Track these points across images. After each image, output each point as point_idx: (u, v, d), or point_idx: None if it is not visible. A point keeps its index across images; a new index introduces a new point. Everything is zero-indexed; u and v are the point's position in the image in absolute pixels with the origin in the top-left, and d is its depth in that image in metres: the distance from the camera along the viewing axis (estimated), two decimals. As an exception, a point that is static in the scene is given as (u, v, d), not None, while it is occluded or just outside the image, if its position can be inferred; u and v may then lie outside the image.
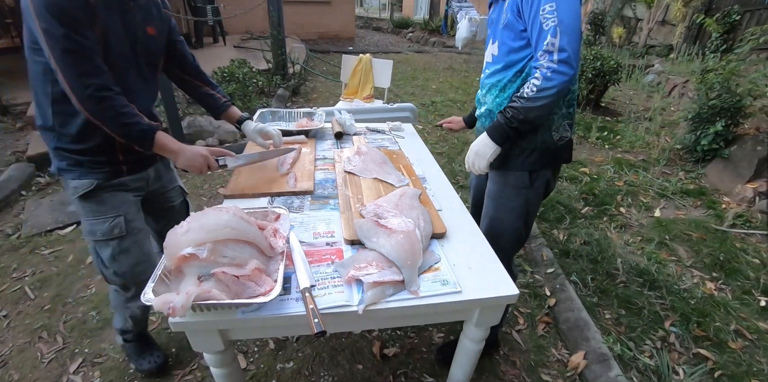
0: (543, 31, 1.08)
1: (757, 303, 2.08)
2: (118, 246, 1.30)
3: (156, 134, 1.15)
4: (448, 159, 3.61)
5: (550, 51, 1.07)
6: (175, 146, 1.19)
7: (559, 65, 1.07)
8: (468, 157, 1.32)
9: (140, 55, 1.20)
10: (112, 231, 1.28)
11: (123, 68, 1.16)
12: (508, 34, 1.21)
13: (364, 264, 0.97)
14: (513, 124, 1.18)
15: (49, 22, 0.96)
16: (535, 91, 1.11)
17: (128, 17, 1.13)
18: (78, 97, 1.03)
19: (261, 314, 0.88)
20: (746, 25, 6.89)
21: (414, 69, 7.31)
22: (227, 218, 0.93)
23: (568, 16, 1.06)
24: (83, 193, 1.23)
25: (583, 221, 2.75)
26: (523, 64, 1.21)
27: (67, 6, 0.97)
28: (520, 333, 1.88)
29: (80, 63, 1.00)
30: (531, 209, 1.41)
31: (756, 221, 2.77)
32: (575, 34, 1.07)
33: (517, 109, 1.15)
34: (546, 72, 1.08)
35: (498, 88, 1.29)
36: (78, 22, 0.99)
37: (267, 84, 4.93)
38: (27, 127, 3.85)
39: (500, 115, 1.21)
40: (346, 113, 1.95)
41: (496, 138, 1.23)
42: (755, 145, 3.24)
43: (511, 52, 1.22)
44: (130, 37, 1.15)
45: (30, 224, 2.55)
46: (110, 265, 1.33)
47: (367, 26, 14.36)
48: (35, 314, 1.92)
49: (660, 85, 5.80)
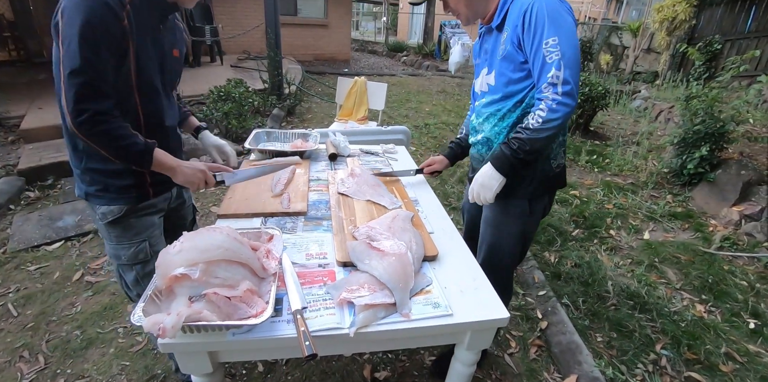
0: (546, 63, 1.10)
1: (746, 325, 2.09)
2: (142, 270, 1.31)
3: (154, 152, 1.14)
4: (440, 181, 3.65)
5: (554, 84, 1.10)
6: (174, 163, 1.18)
7: (563, 97, 1.10)
8: (472, 189, 1.30)
9: (166, 76, 1.23)
10: (137, 256, 1.29)
11: (154, 91, 1.19)
12: (508, 65, 1.23)
13: (356, 286, 0.98)
14: (519, 156, 1.18)
15: (71, 42, 0.97)
16: (540, 123, 1.13)
17: (158, 41, 1.17)
18: (72, 121, 1.01)
19: (252, 336, 0.88)
20: (728, 53, 7.18)
21: (408, 92, 7.44)
22: (220, 239, 0.93)
23: (570, 49, 1.09)
24: (112, 219, 1.23)
25: (574, 243, 2.78)
26: (523, 95, 1.24)
27: (100, 30, 0.99)
28: (512, 357, 1.86)
29: (83, 87, 0.99)
30: (529, 234, 1.43)
31: (743, 244, 2.82)
32: (576, 67, 1.10)
33: (523, 140, 1.17)
34: (551, 104, 1.11)
35: (497, 117, 1.31)
36: (101, 47, 1.00)
37: (263, 104, 4.99)
38: (19, 141, 3.85)
39: (505, 147, 1.21)
40: (341, 135, 1.98)
41: (501, 169, 1.23)
42: (739, 169, 3.33)
43: (510, 83, 1.25)
44: (159, 60, 1.18)
45: (17, 239, 2.52)
46: (134, 288, 1.34)
47: (363, 49, 14.70)
48: (17, 332, 1.87)
49: (647, 111, 5.96)
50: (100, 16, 0.98)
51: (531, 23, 1.11)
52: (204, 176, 1.23)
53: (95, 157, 1.17)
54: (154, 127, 1.22)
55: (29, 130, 3.78)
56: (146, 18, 1.10)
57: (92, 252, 2.46)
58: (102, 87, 1.02)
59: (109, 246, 1.30)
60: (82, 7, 0.96)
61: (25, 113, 4.14)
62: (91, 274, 2.28)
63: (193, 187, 1.23)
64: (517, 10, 1.16)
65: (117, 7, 1.00)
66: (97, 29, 0.98)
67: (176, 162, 1.19)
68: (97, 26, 0.98)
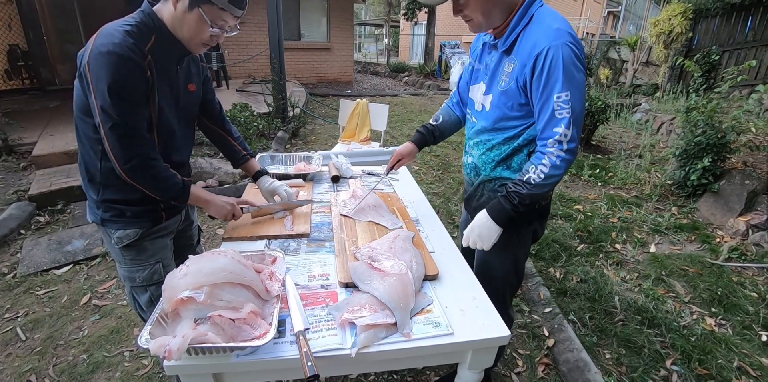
0: (555, 118, 1.09)
1: (758, 338, 2.05)
2: (156, 291, 1.35)
3: (190, 189, 1.26)
4: (444, 199, 3.67)
5: (561, 141, 1.09)
6: (208, 197, 1.33)
7: (567, 154, 1.10)
8: (468, 238, 1.28)
9: (181, 110, 1.29)
10: (151, 277, 1.34)
11: (172, 129, 1.25)
12: (506, 101, 1.20)
13: (357, 307, 0.99)
14: (519, 210, 1.18)
15: (105, 100, 1.03)
16: (542, 178, 1.13)
17: (174, 80, 1.23)
18: (122, 167, 1.10)
19: (255, 358, 0.89)
20: (726, 63, 7.26)
21: (410, 111, 7.55)
22: (225, 262, 0.96)
23: (579, 104, 1.08)
24: (128, 243, 1.28)
25: (579, 258, 2.76)
26: (515, 132, 1.22)
27: (130, 87, 1.05)
28: (519, 376, 1.84)
29: (127, 136, 1.08)
30: (520, 257, 1.42)
31: (751, 254, 2.79)
32: (582, 120, 1.10)
33: (523, 195, 1.15)
34: (555, 160, 1.11)
35: (486, 146, 1.30)
36: (135, 101, 1.07)
37: (267, 127, 5.09)
38: (31, 167, 3.94)
39: (505, 201, 1.19)
40: (343, 157, 2.03)
41: (500, 222, 1.21)
42: (743, 179, 3.32)
43: (504, 119, 1.23)
44: (174, 97, 1.24)
45: (26, 264, 2.56)
46: (148, 309, 1.37)
47: (365, 70, 15.00)
48: (25, 356, 1.89)
49: (648, 123, 5.99)
50: (127, 72, 1.04)
51: (543, 72, 1.07)
52: (233, 209, 1.38)
53: (112, 188, 1.23)
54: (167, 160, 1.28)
55: (40, 157, 3.88)
56: (164, 63, 1.16)
57: (100, 276, 2.49)
58: (141, 133, 1.11)
59: (122, 269, 1.34)
60: (107, 64, 1.02)
61: (36, 140, 4.26)
62: (98, 297, 2.30)
63: (222, 217, 1.38)
64: (529, 45, 1.10)
65: (140, 59, 1.06)
66: (127, 86, 1.05)
67: (210, 197, 1.33)
68: (127, 83, 1.05)
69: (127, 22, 1.09)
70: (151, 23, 1.11)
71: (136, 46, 1.05)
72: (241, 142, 1.60)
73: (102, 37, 1.04)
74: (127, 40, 1.04)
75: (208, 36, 1.15)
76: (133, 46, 1.04)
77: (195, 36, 1.14)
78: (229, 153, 1.59)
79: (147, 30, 1.10)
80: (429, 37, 13.60)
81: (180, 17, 1.11)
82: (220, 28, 1.14)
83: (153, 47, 1.10)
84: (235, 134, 1.59)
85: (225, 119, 1.56)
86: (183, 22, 1.12)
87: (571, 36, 1.08)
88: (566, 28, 1.09)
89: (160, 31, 1.12)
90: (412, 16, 12.54)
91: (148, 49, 1.09)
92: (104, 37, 1.04)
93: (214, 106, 1.50)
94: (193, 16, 1.10)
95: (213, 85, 1.50)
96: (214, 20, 1.11)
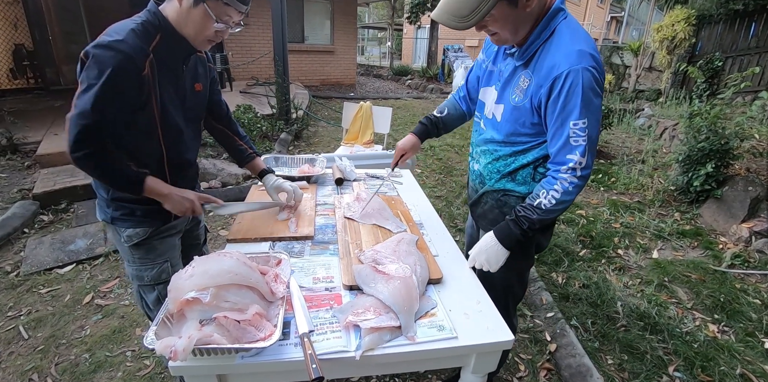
0: (570, 145, 1.07)
1: (761, 345, 2.05)
2: (163, 290, 1.35)
3: (145, 181, 1.18)
4: (446, 203, 3.67)
5: (575, 169, 1.08)
6: (166, 191, 1.22)
7: (581, 180, 1.09)
8: (476, 259, 1.26)
9: (188, 111, 1.29)
10: (160, 276, 1.35)
11: (176, 127, 1.25)
12: (518, 117, 1.18)
13: (361, 310, 1.00)
14: (528, 235, 1.17)
15: (85, 88, 1.03)
16: (554, 204, 1.11)
17: (180, 80, 1.23)
18: (71, 154, 1.07)
19: (260, 359, 0.89)
20: (729, 70, 7.25)
21: (413, 114, 7.57)
22: (230, 264, 0.96)
23: (595, 131, 1.06)
24: (138, 241, 1.29)
25: (582, 263, 2.76)
26: (523, 148, 1.21)
27: (117, 82, 1.04)
28: (521, 381, 1.84)
29: (86, 129, 1.04)
30: (524, 268, 1.42)
31: (754, 261, 2.78)
32: (596, 146, 1.09)
33: (533, 220, 1.14)
34: (568, 187, 1.09)
35: (493, 156, 1.29)
36: (117, 97, 1.06)
37: (270, 129, 5.11)
38: (35, 166, 3.96)
39: (514, 225, 1.18)
40: (347, 160, 2.03)
41: (508, 244, 1.20)
42: (746, 186, 3.32)
43: (514, 135, 1.21)
44: (180, 97, 1.25)
45: (29, 262, 2.57)
46: (155, 308, 1.38)
47: (368, 73, 15.05)
48: (27, 355, 1.89)
49: (651, 128, 5.99)
50: (121, 70, 1.04)
51: (561, 96, 1.04)
52: (191, 206, 1.28)
53: None
54: (174, 159, 1.29)
55: (45, 156, 3.90)
56: (169, 62, 1.17)
57: (102, 275, 2.50)
58: (103, 131, 1.07)
59: (131, 268, 1.35)
60: (105, 59, 1.03)
61: (41, 139, 4.29)
62: (101, 297, 2.31)
63: (180, 213, 1.28)
64: (548, 64, 1.06)
65: (139, 58, 1.07)
66: (117, 84, 1.04)
67: (168, 190, 1.23)
68: (117, 81, 1.04)
69: (134, 20, 1.11)
70: (157, 21, 1.13)
71: (138, 43, 1.06)
72: (247, 142, 1.60)
73: (107, 33, 1.07)
74: (130, 38, 1.05)
75: (213, 32, 1.16)
76: (134, 43, 1.05)
77: (200, 32, 1.15)
78: (236, 153, 1.60)
79: (152, 28, 1.11)
80: (432, 40, 13.63)
81: (185, 13, 1.12)
82: (225, 24, 1.15)
83: (158, 46, 1.12)
84: (241, 134, 1.59)
85: (232, 120, 1.57)
86: (188, 19, 1.13)
87: (593, 58, 1.03)
88: (589, 50, 1.04)
89: (165, 29, 1.14)
90: (415, 20, 12.59)
91: (153, 47, 1.10)
92: (109, 33, 1.06)
93: (221, 107, 1.51)
94: (199, 12, 1.11)
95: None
96: (219, 15, 1.12)
